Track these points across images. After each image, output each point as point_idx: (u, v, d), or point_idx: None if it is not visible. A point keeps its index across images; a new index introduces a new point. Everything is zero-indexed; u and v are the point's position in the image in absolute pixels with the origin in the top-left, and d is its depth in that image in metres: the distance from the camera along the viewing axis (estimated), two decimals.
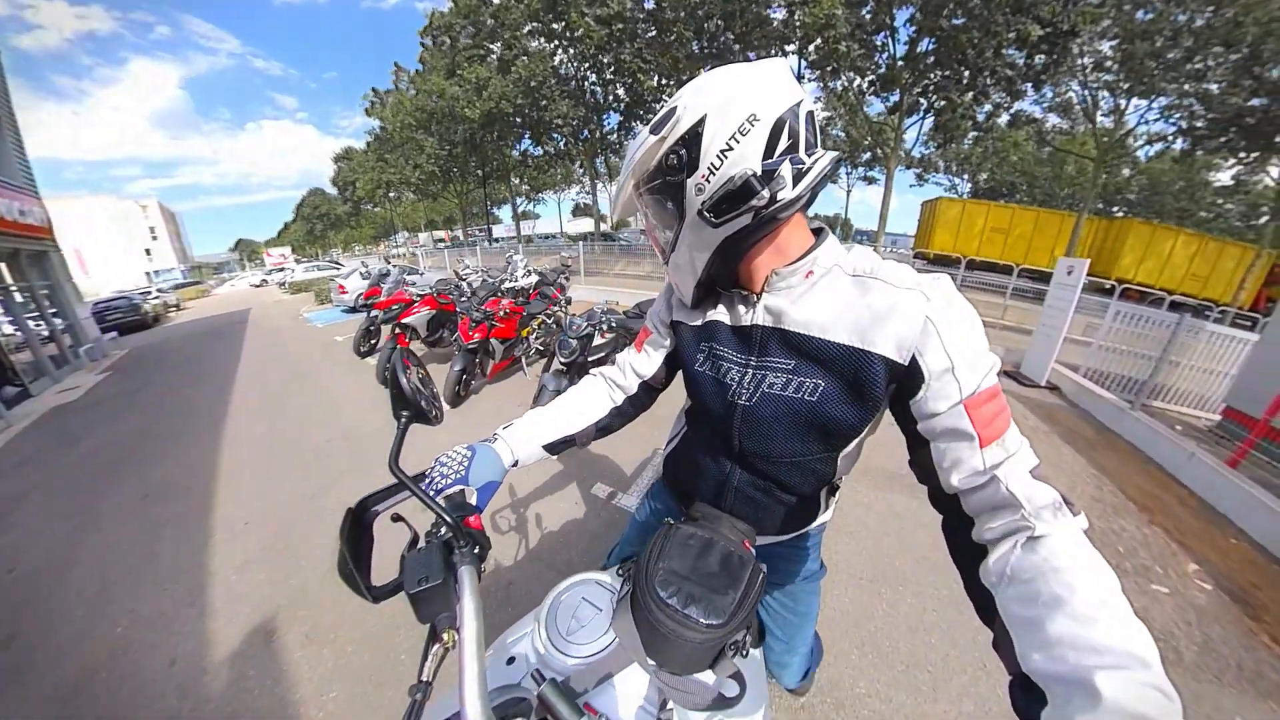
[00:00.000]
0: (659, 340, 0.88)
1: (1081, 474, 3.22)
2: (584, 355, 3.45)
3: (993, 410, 0.53)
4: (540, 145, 19.99)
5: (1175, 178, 25.57)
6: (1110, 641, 0.37)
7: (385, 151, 23.41)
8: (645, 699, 0.67)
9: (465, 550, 0.58)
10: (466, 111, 15.50)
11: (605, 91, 16.78)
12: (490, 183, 26.12)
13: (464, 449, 0.73)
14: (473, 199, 31.82)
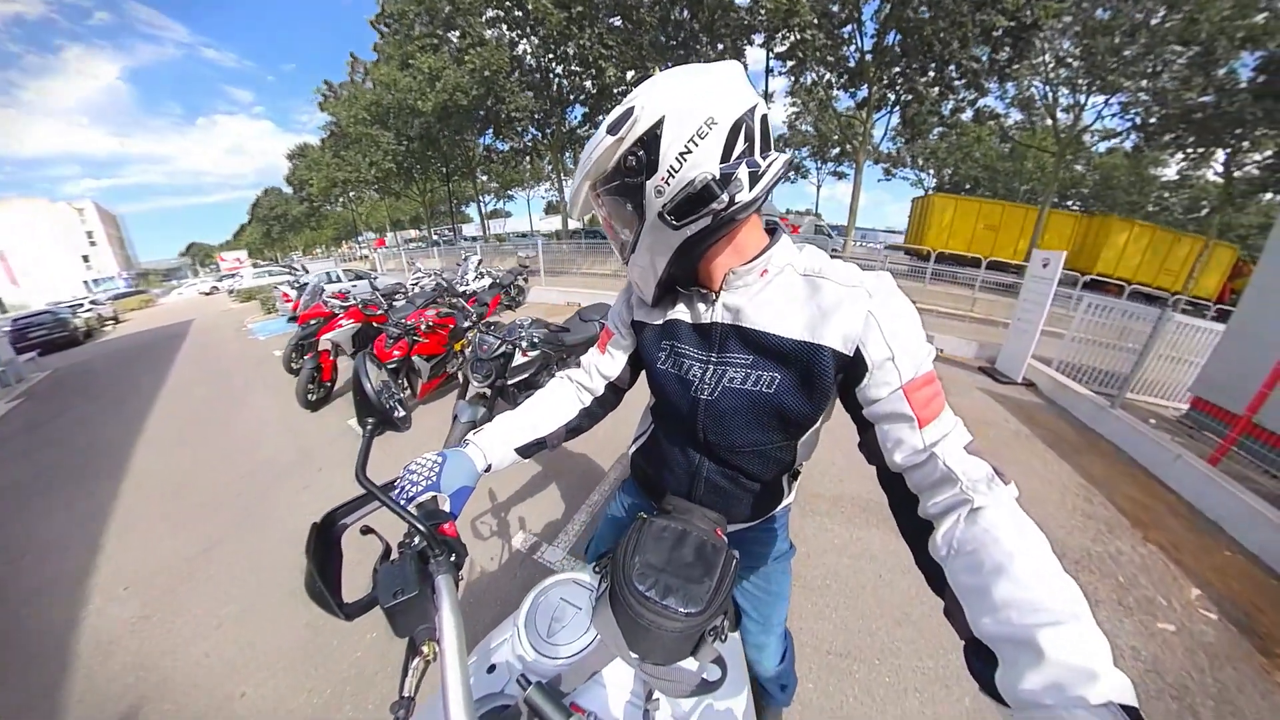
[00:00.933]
0: (621, 340, 0.89)
1: (1070, 485, 3.07)
2: (503, 378, 3.02)
3: (929, 394, 0.58)
4: (504, 140, 19.18)
5: (1126, 173, 26.69)
6: (1047, 601, 0.42)
7: (341, 148, 22.15)
8: (631, 692, 0.68)
9: (441, 559, 0.57)
10: (419, 104, 14.64)
11: (571, 84, 16.17)
12: (455, 180, 25.07)
13: (434, 455, 0.72)
14: (438, 197, 30.67)
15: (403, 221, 52.66)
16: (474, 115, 16.07)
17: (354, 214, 41.11)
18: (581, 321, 3.37)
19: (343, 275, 11.16)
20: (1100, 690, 0.36)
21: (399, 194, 26.51)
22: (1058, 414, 4.47)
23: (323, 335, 4.19)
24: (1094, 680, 0.37)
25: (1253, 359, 3.63)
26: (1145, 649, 1.86)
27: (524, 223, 55.97)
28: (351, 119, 18.19)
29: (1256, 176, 16.77)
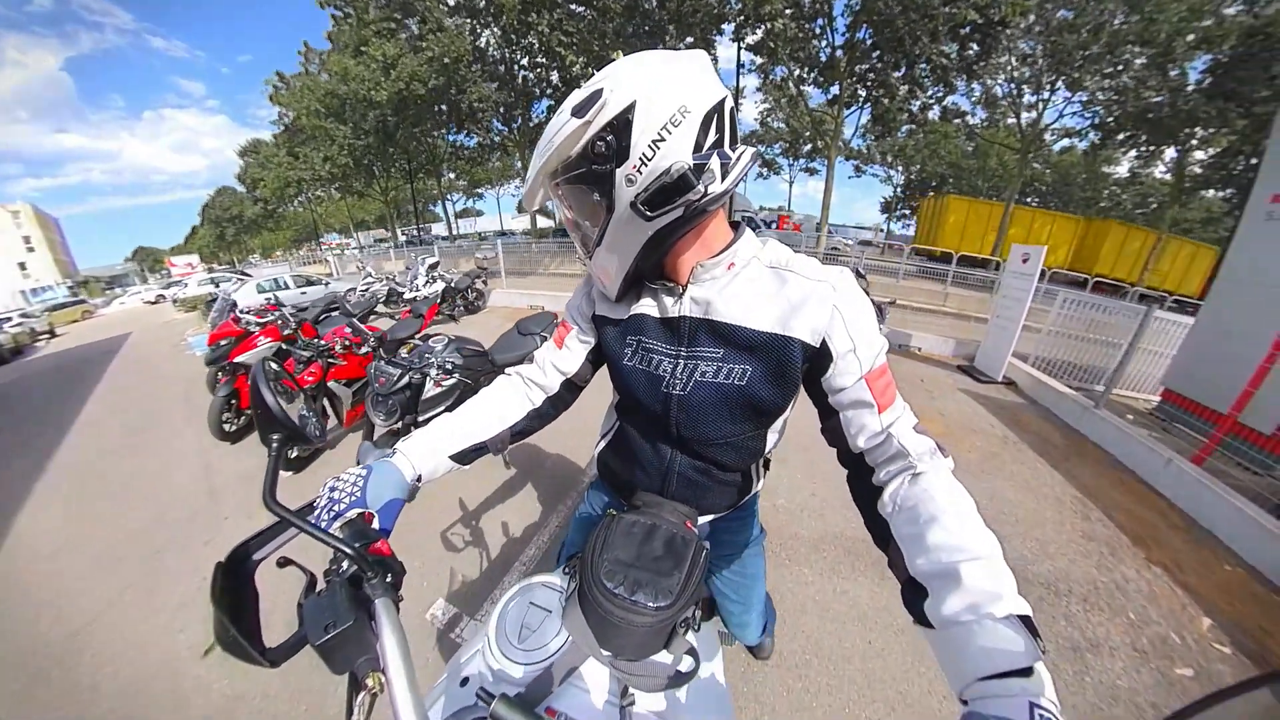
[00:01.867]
0: (580, 335, 0.86)
1: (1065, 499, 2.92)
2: (413, 413, 2.55)
3: (885, 382, 0.65)
4: (468, 134, 18.21)
5: (1081, 170, 27.76)
6: (969, 544, 0.50)
7: (296, 144, 20.83)
8: (608, 691, 0.67)
9: (376, 581, 0.53)
10: (373, 94, 13.63)
11: (537, 77, 15.48)
12: (421, 177, 23.94)
13: (358, 469, 0.67)
14: (402, 195, 29.41)
15: (367, 221, 50.35)
16: (433, 107, 15.11)
17: (314, 214, 39.05)
18: (520, 336, 2.93)
19: (291, 281, 10.34)
20: (1004, 607, 0.45)
21: (361, 193, 25.14)
22: (1041, 415, 4.38)
23: (236, 356, 3.60)
24: (999, 600, 0.46)
25: (1221, 351, 3.62)
26: (1168, 705, 1.68)
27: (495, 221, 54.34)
28: (304, 112, 16.95)
29: (1199, 175, 17.80)
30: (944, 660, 0.47)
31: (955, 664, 0.45)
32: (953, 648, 0.46)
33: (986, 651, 0.43)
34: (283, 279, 10.45)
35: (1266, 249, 3.82)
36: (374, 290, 6.93)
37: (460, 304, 7.39)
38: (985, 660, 0.43)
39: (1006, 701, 0.40)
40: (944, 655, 0.48)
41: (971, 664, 0.44)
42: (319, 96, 16.13)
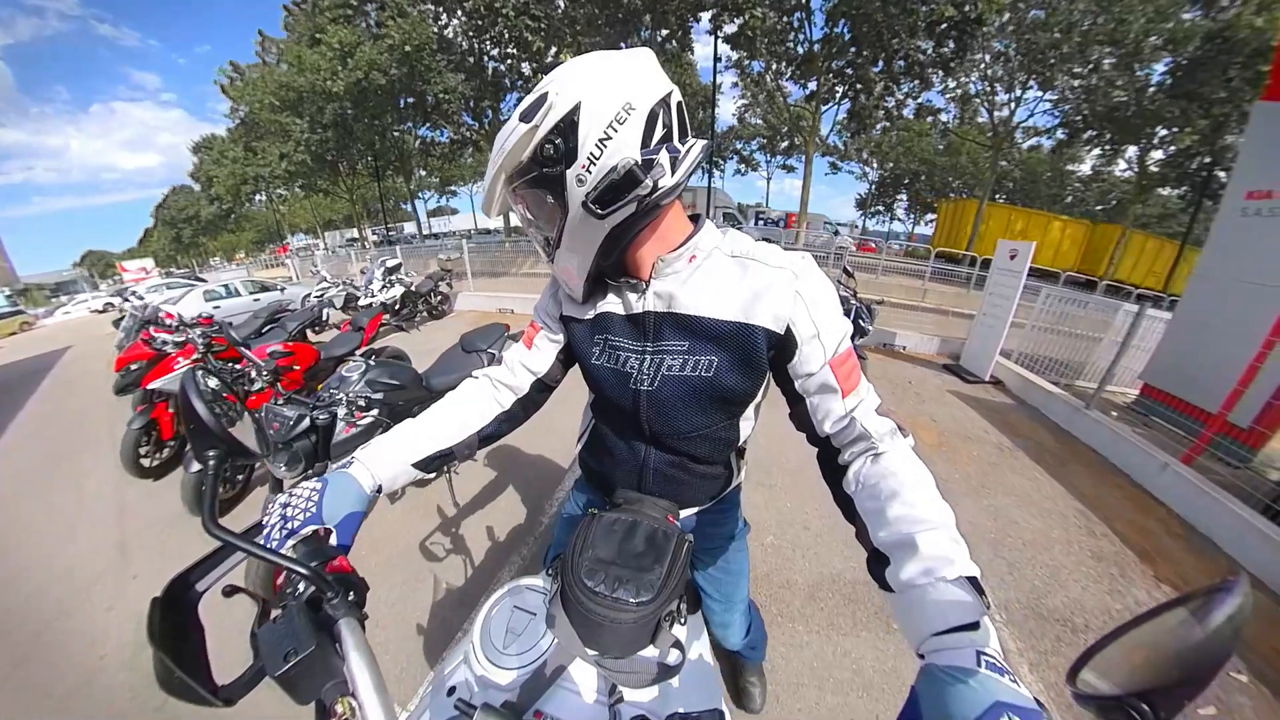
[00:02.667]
0: (550, 335, 0.85)
1: (1068, 514, 2.83)
2: (325, 459, 2.07)
3: (849, 367, 0.67)
4: (434, 127, 17.25)
5: (1047, 168, 28.59)
6: (925, 515, 0.54)
7: (252, 139, 19.59)
8: (596, 691, 0.67)
9: (338, 601, 0.50)
10: (329, 84, 12.65)
11: (508, 68, 14.75)
12: (390, 175, 22.80)
13: (312, 483, 0.63)
14: (371, 194, 28.19)
15: (336, 221, 48.20)
16: (396, 99, 14.19)
17: (275, 214, 37.10)
18: (463, 354, 2.52)
19: (243, 288, 9.58)
20: (955, 569, 0.49)
21: (326, 191, 23.88)
22: (1031, 416, 4.35)
23: (149, 383, 3.07)
24: (951, 564, 0.50)
25: (1198, 346, 3.66)
26: None
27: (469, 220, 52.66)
28: (258, 105, 15.75)
29: (1156, 172, 18.60)
30: (903, 620, 0.52)
31: (913, 623, 0.50)
32: (910, 608, 0.51)
33: (939, 610, 0.48)
34: (233, 285, 9.62)
35: (1240, 244, 3.85)
36: (328, 296, 6.37)
37: (423, 309, 6.88)
38: (938, 617, 0.48)
39: (957, 652, 0.44)
40: (903, 616, 0.52)
41: (926, 622, 0.49)
42: (273, 89, 15.00)
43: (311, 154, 15.71)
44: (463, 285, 8.02)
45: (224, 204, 23.66)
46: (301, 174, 17.63)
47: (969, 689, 0.40)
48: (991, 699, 0.38)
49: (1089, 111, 16.39)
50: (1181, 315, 3.79)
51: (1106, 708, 0.35)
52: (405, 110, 15.64)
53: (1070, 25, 14.51)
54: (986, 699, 0.39)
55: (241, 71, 20.79)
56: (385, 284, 5.89)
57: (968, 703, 0.39)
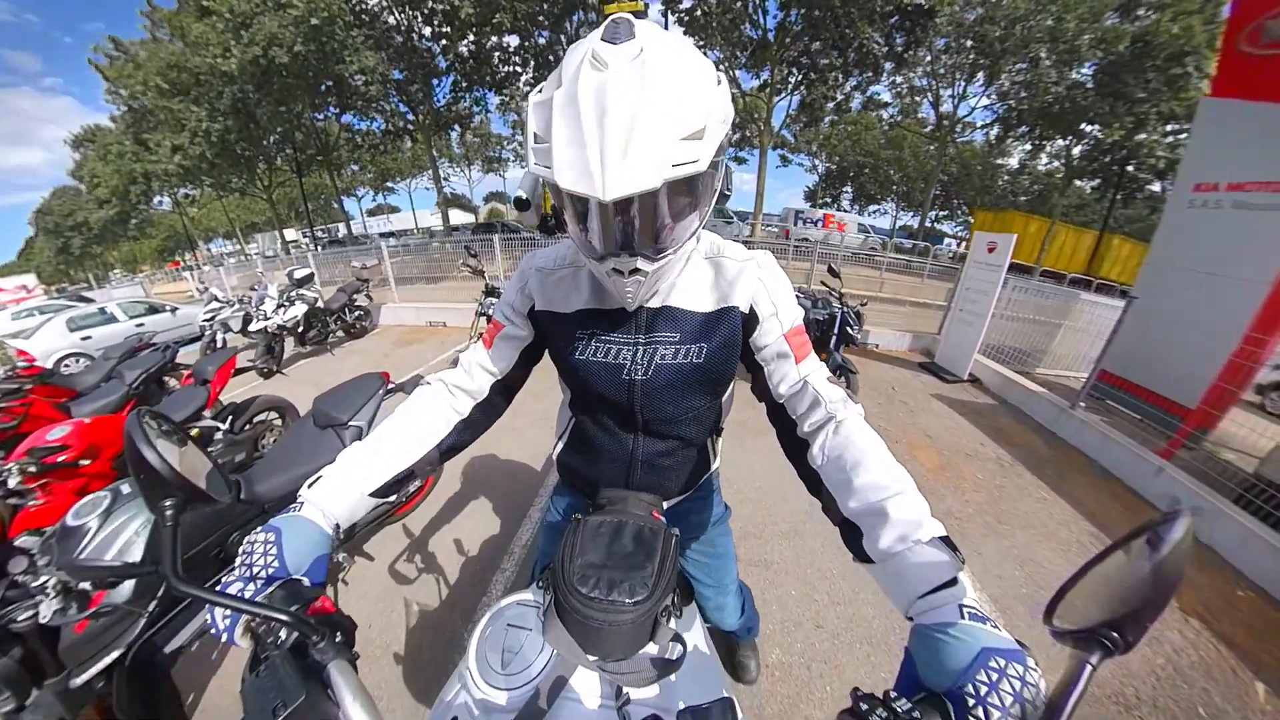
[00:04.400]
0: (514, 333, 0.83)
1: (1082, 537, 2.68)
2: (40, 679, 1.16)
3: (801, 340, 0.76)
4: (362, 116, 15.29)
5: (980, 161, 30.27)
6: (888, 482, 0.59)
7: (144, 130, 16.81)
8: (601, 696, 0.67)
9: (324, 645, 0.48)
10: (220, 62, 10.66)
11: (443, 49, 13.20)
12: (315, 169, 20.34)
13: (262, 533, 0.58)
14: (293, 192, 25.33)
15: (259, 224, 43.28)
16: (307, 81, 12.10)
17: (182, 217, 32.62)
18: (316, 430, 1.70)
19: (122, 311, 7.74)
20: (926, 531, 0.54)
21: (241, 190, 21.04)
22: (1016, 418, 4.27)
23: None
24: (921, 527, 0.55)
25: (1152, 333, 3.81)
26: None
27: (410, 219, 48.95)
28: (143, 88, 13.42)
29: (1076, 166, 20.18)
30: (887, 587, 0.57)
31: (898, 588, 0.55)
32: (893, 575, 0.56)
33: (920, 572, 0.52)
34: (109, 309, 7.82)
35: (1189, 235, 3.96)
36: (221, 318, 5.20)
37: (337, 327, 5.82)
38: (920, 581, 0.52)
39: (942, 609, 0.49)
40: (886, 583, 0.57)
41: (910, 586, 0.53)
42: (159, 69, 12.74)
43: (212, 146, 13.15)
44: (386, 296, 6.87)
45: (113, 207, 20.40)
46: (202, 170, 14.98)
47: (957, 641, 0.45)
48: (979, 646, 0.44)
49: (1026, 107, 17.53)
50: (1136, 304, 3.80)
51: (1081, 640, 0.38)
52: (323, 95, 13.65)
53: (1014, 20, 15.56)
54: (974, 647, 0.44)
55: (125, 49, 17.84)
56: (284, 301, 4.78)
57: (958, 653, 0.45)
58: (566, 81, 0.53)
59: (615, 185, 0.51)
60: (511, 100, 16.57)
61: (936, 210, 35.81)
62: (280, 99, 11.88)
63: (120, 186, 17.59)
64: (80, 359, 6.75)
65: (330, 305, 5.57)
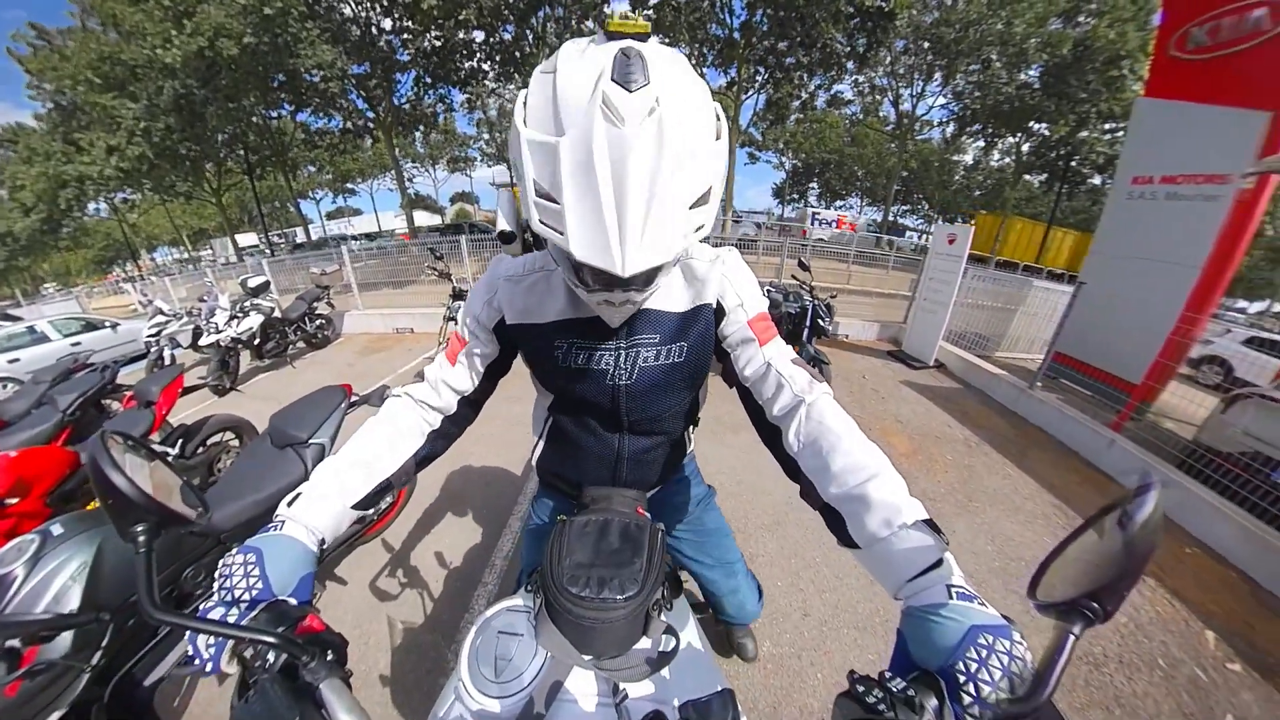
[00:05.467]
0: (479, 349, 0.81)
1: (1049, 513, 2.81)
2: None
3: (764, 326, 0.78)
4: (320, 114, 14.47)
5: (937, 158, 31.64)
6: (864, 463, 0.61)
7: (75, 130, 15.47)
8: (599, 694, 0.67)
9: (315, 664, 0.47)
10: (160, 54, 9.76)
11: (404, 42, 12.52)
12: (268, 170, 19.21)
13: (240, 554, 0.56)
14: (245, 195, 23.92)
15: (208, 230, 40.65)
16: (259, 76, 11.27)
17: (122, 224, 30.28)
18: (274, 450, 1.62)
19: (53, 329, 6.99)
20: (909, 514, 0.55)
21: (188, 194, 19.66)
22: (980, 400, 4.46)
23: None
24: (902, 511, 0.56)
25: (1099, 316, 4.07)
26: None
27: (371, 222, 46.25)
28: (73, 83, 12.26)
29: (1025, 161, 21.46)
30: (876, 572, 0.58)
31: (885, 573, 0.56)
32: (880, 561, 0.57)
33: (907, 557, 0.54)
34: (40, 327, 7.08)
35: (1128, 224, 4.28)
36: (168, 333, 4.84)
37: (297, 338, 5.48)
38: (908, 565, 0.53)
39: (930, 591, 0.51)
40: (875, 568, 0.58)
41: (898, 571, 0.54)
42: (90, 61, 11.71)
43: (153, 146, 12.09)
44: (349, 302, 6.54)
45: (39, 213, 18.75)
46: (142, 173, 13.83)
47: (947, 621, 0.47)
48: (968, 624, 0.45)
49: (979, 106, 18.66)
50: (1084, 289, 4.06)
51: (1063, 612, 0.39)
52: (276, 92, 12.80)
53: (968, 24, 16.69)
54: (964, 626, 0.45)
55: (50, 38, 16.36)
56: (237, 312, 4.49)
57: (948, 633, 0.46)
58: (577, 129, 0.49)
59: (634, 263, 0.51)
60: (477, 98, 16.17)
61: (899, 205, 37.11)
62: (229, 95, 10.97)
63: (48, 191, 16.10)
64: (7, 384, 6.19)
65: (288, 315, 5.25)
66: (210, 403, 4.36)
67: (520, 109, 0.55)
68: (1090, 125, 16.98)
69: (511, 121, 0.55)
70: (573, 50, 0.54)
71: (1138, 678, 1.79)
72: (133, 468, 0.49)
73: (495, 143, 36.22)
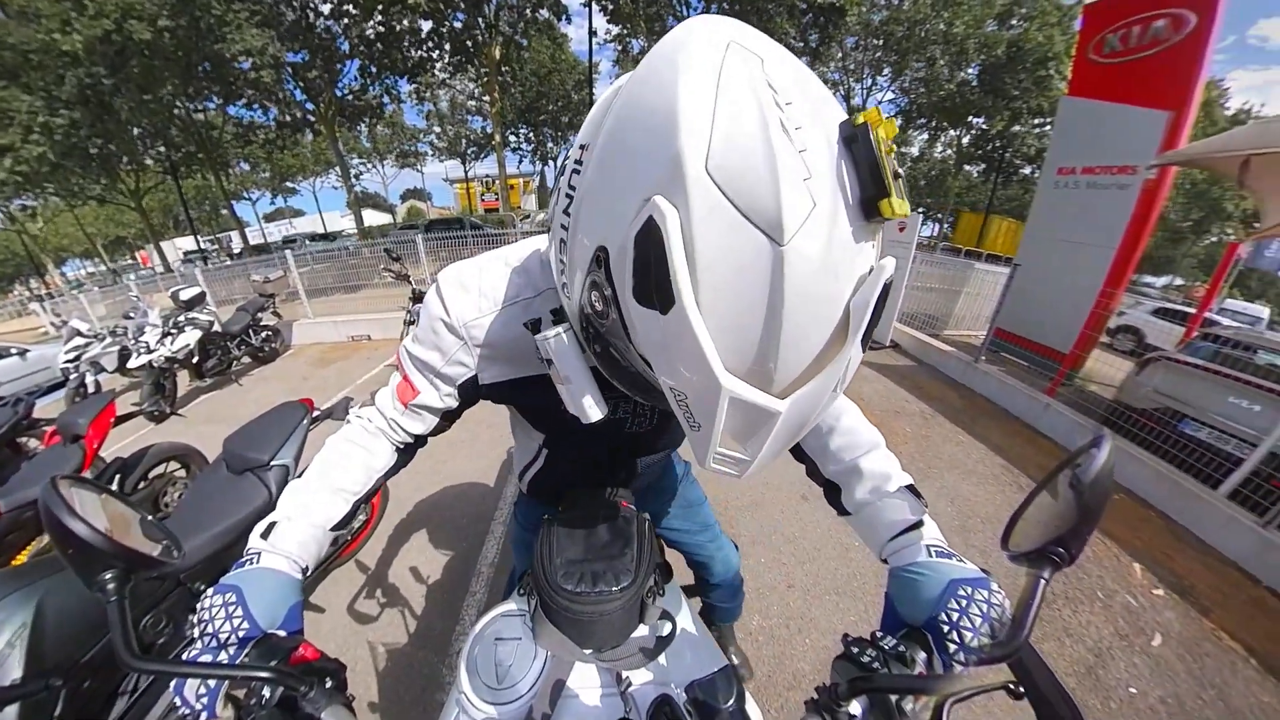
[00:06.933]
0: (435, 404, 0.69)
1: (999, 474, 3.07)
2: None
3: None
4: (254, 106, 13.40)
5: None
6: (860, 440, 0.66)
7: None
8: (602, 686, 0.67)
9: (315, 694, 0.46)
10: (59, 39, 8.66)
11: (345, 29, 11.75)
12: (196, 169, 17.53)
13: (218, 595, 0.51)
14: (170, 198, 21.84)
15: (127, 238, 36.75)
16: (177, 63, 10.12)
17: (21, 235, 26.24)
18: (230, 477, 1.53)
19: None
20: (894, 483, 0.62)
21: (101, 198, 17.67)
22: (932, 375, 4.77)
23: None
24: (890, 479, 0.62)
25: (1032, 294, 4.41)
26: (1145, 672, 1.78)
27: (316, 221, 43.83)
28: None
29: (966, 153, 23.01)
30: (863, 535, 0.65)
31: (871, 534, 0.63)
32: (867, 523, 0.64)
33: (889, 520, 0.60)
34: None
35: (1055, 211, 4.69)
36: (90, 357, 4.33)
37: (241, 352, 5.07)
38: (889, 526, 0.60)
39: (911, 549, 0.56)
40: (862, 531, 0.65)
41: (882, 531, 0.60)
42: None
43: (55, 145, 10.60)
44: (298, 311, 6.15)
45: None
46: (44, 175, 12.23)
47: (927, 577, 0.51)
48: (946, 579, 0.49)
49: (925, 101, 20.06)
50: (1020, 270, 4.42)
51: (1033, 559, 0.42)
52: (200, 81, 11.63)
53: (914, 23, 17.97)
54: (943, 580, 0.49)
55: None
56: (169, 329, 4.08)
57: (929, 587, 0.50)
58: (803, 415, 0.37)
59: None
60: (426, 89, 15.48)
61: None
62: (143, 85, 9.77)
63: None
64: None
65: (229, 328, 4.82)
66: (147, 431, 3.98)
67: (689, 286, 0.32)
68: (1022, 120, 18.60)
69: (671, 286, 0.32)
70: (803, 206, 0.31)
71: (1081, 610, 2.01)
72: (88, 509, 0.45)
73: (447, 136, 34.88)
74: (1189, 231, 25.25)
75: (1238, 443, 2.68)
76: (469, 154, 35.18)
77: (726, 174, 0.30)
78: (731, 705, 0.48)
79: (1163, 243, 26.25)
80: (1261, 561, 2.24)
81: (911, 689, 0.43)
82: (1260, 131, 3.16)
